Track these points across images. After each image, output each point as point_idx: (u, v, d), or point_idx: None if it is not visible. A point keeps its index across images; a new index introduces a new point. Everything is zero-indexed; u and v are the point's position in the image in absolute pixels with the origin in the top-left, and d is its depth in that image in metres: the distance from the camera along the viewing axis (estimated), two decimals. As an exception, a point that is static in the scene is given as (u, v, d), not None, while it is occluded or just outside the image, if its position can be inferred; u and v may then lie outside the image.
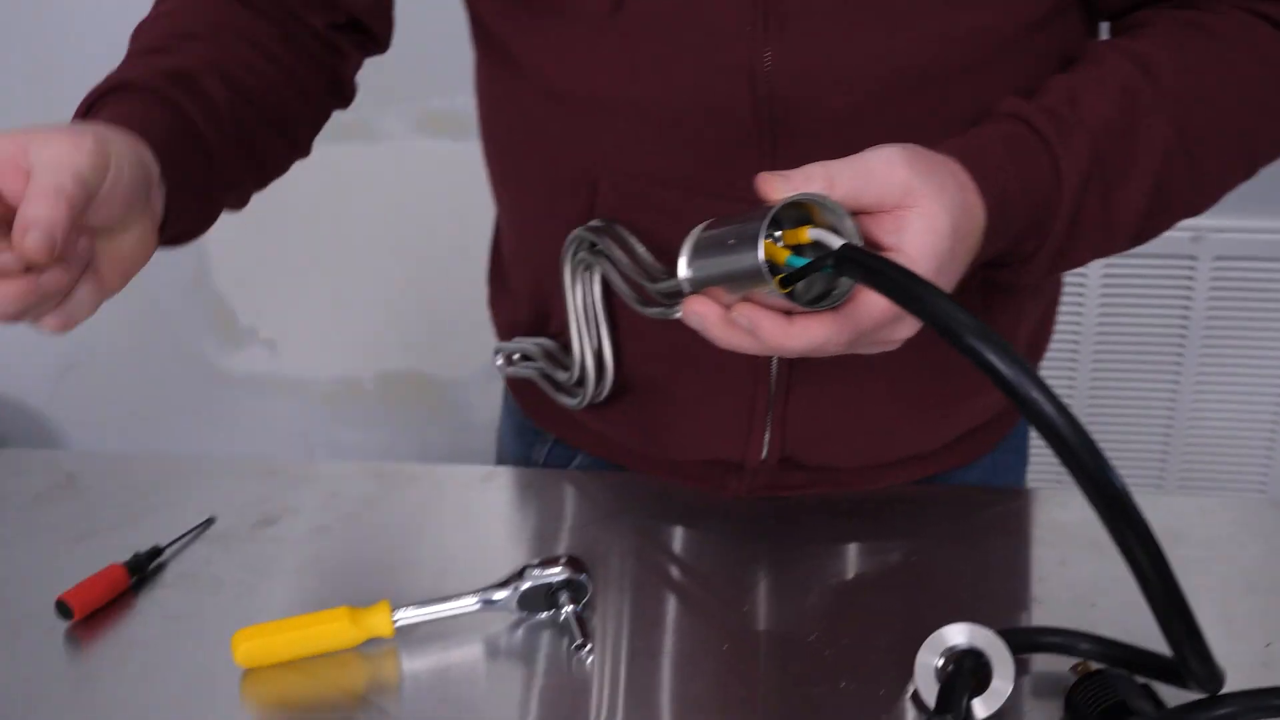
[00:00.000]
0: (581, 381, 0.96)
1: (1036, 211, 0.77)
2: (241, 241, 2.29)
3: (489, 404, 2.33)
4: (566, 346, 0.97)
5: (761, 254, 0.66)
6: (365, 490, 1.02)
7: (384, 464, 1.06)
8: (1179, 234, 1.96)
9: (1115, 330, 2.08)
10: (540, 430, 1.10)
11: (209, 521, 0.98)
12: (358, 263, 2.30)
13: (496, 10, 0.90)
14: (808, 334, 0.69)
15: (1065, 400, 0.60)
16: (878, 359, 0.79)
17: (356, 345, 2.39)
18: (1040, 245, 0.79)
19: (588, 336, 0.94)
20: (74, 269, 0.71)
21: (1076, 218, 0.78)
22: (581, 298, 0.92)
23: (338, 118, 1.01)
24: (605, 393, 0.96)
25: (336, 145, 2.17)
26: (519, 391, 1.11)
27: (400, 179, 2.13)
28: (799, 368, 0.91)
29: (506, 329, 1.08)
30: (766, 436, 0.95)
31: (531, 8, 0.85)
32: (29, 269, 0.68)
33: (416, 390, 2.40)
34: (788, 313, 0.69)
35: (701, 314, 0.72)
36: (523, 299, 1.02)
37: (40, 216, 0.66)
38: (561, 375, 0.98)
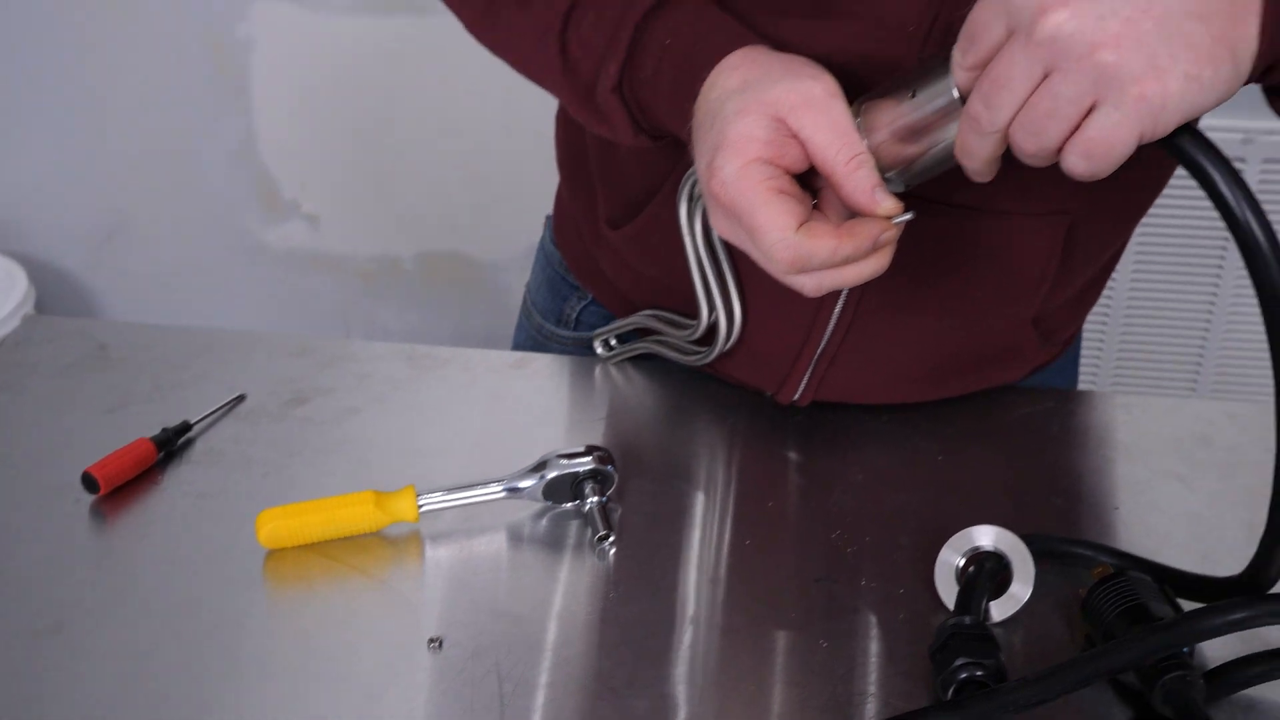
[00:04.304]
0: (710, 334, 0.92)
1: None
2: (288, 113, 2.28)
3: (527, 287, 2.34)
4: (670, 308, 0.96)
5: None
6: (396, 372, 1.02)
7: (416, 346, 1.06)
8: (1229, 135, 1.92)
9: (1158, 232, 2.04)
10: (577, 286, 1.09)
11: (239, 398, 0.98)
12: (403, 139, 2.29)
13: None
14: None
15: (1103, 300, 0.59)
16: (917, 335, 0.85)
17: (398, 223, 2.38)
18: None
19: (712, 274, 0.89)
20: None
21: None
22: (704, 234, 0.87)
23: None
24: (735, 337, 0.92)
25: (386, 18, 2.16)
26: (564, 241, 1.09)
27: (449, 54, 2.11)
28: (861, 315, 0.90)
29: (580, 227, 1.06)
30: (805, 380, 0.94)
31: None
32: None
33: (456, 271, 2.40)
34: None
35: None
36: (617, 200, 0.99)
37: (872, 180, 0.70)
38: (675, 335, 0.96)
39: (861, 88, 0.74)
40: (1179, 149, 0.61)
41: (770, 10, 0.80)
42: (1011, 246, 0.88)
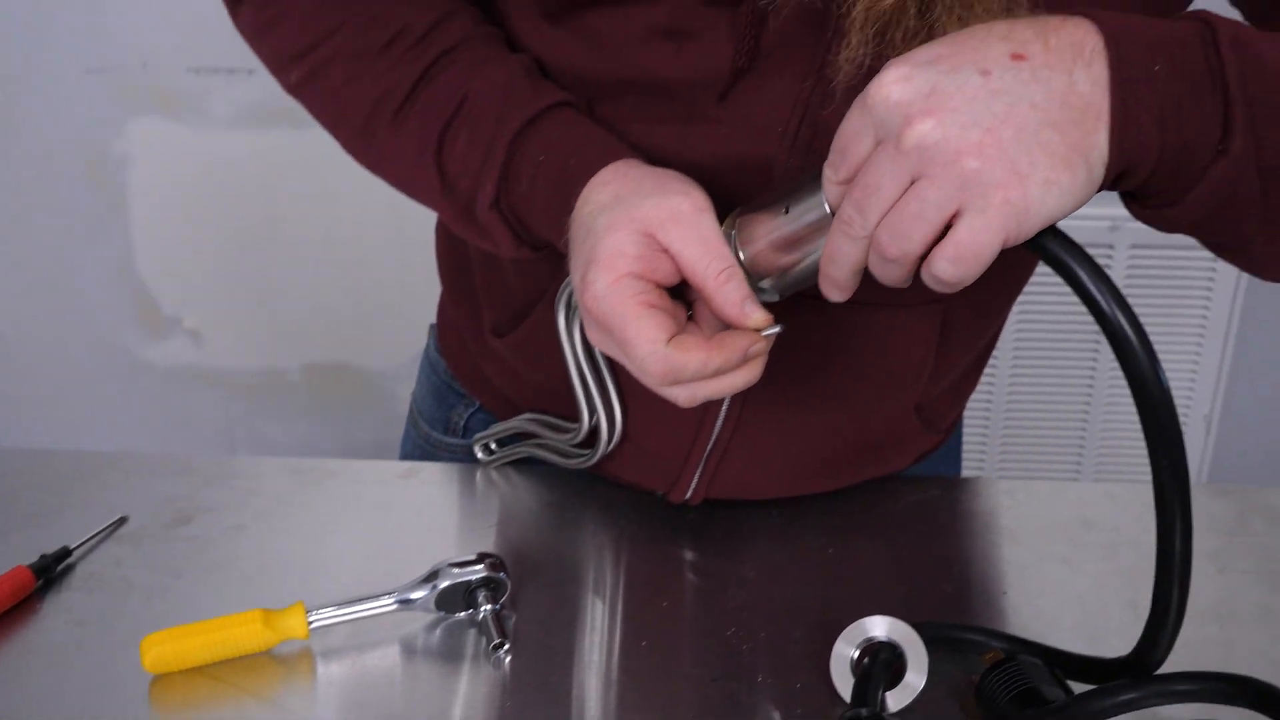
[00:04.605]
0: (593, 436, 0.93)
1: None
2: (166, 229, 2.26)
3: (415, 396, 2.33)
4: (557, 412, 0.96)
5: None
6: (282, 487, 1.01)
7: (301, 460, 1.04)
8: (1096, 223, 1.99)
9: (1034, 321, 2.10)
10: (464, 394, 1.08)
11: (121, 521, 0.96)
12: (285, 251, 2.28)
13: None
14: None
15: (985, 389, 0.61)
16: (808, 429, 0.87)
17: (282, 336, 2.36)
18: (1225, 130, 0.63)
19: (592, 379, 0.90)
20: None
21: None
22: (582, 341, 0.88)
23: (266, 103, 0.99)
24: (616, 440, 0.93)
25: (264, 131, 2.16)
26: (449, 348, 1.09)
27: (328, 165, 2.10)
28: (748, 412, 0.91)
29: (465, 335, 1.06)
30: (696, 479, 0.95)
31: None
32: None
33: (343, 382, 2.38)
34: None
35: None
36: (500, 309, 1.00)
37: (740, 293, 0.72)
38: (557, 439, 0.97)
39: (737, 189, 0.76)
40: (1044, 249, 0.63)
41: (644, 119, 0.82)
42: (890, 338, 0.90)
